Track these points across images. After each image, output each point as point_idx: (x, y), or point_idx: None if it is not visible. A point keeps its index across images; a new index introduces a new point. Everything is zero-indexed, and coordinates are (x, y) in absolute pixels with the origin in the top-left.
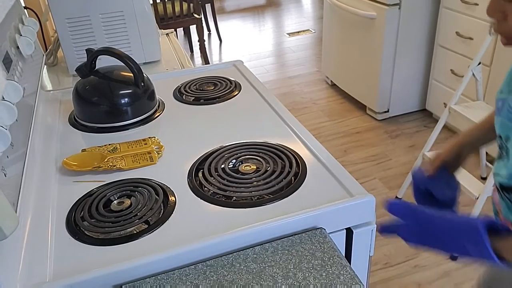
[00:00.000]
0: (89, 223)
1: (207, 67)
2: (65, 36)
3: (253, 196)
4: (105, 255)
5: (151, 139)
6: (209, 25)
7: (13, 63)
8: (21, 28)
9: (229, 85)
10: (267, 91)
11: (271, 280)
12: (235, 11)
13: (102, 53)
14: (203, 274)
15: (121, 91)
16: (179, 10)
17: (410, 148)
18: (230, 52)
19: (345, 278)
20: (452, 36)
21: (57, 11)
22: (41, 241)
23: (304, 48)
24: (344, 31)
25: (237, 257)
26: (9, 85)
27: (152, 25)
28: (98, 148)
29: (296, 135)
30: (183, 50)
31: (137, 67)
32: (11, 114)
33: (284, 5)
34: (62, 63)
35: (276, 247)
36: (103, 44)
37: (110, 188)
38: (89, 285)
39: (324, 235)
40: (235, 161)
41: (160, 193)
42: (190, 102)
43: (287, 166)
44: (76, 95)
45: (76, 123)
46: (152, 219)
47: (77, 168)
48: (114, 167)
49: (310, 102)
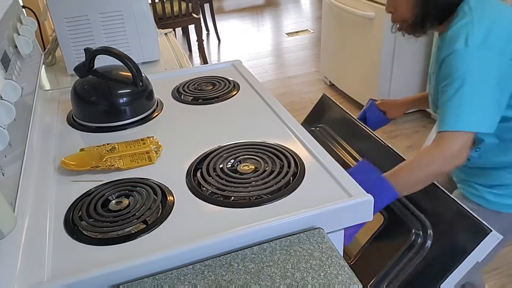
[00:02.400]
0: (87, 222)
1: (205, 67)
2: (64, 36)
3: (252, 196)
4: (103, 254)
5: (150, 139)
6: (207, 25)
7: (11, 63)
8: (19, 27)
9: (227, 85)
10: (265, 91)
11: (269, 280)
12: (233, 11)
13: (101, 52)
14: (201, 274)
15: (119, 90)
16: (178, 10)
17: (408, 148)
18: (228, 52)
19: (343, 278)
20: None
21: (55, 10)
22: (39, 241)
23: (303, 48)
24: (342, 31)
25: (235, 257)
26: (7, 84)
27: (150, 25)
28: (96, 148)
29: (294, 135)
30: (181, 50)
31: (136, 66)
32: (9, 114)
33: (283, 5)
34: (61, 62)
35: (274, 247)
36: (101, 44)
37: (108, 187)
38: (87, 284)
39: (322, 235)
40: (233, 161)
41: (158, 192)
42: (189, 102)
43: (286, 166)
44: (74, 94)
45: (74, 123)
46: (150, 219)
47: (75, 167)
48: (112, 166)
49: (308, 102)
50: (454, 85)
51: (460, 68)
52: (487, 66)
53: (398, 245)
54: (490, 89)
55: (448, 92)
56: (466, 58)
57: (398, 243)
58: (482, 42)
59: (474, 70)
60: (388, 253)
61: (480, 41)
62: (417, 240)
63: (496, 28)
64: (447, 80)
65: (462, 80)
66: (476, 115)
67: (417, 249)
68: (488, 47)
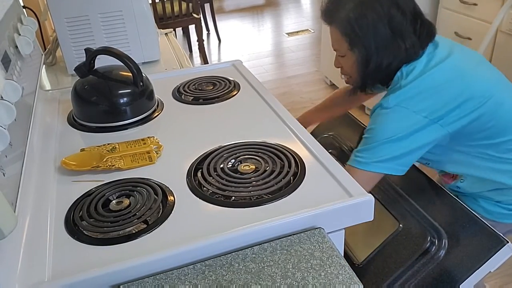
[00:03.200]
0: (88, 222)
1: (206, 67)
2: (64, 36)
3: (252, 196)
4: (104, 254)
5: (150, 139)
6: (208, 25)
7: (12, 63)
8: (19, 27)
9: (228, 85)
10: (266, 91)
11: (269, 280)
12: (234, 11)
13: (101, 52)
14: (202, 273)
15: (120, 90)
16: (178, 10)
17: None
18: (229, 52)
19: (343, 278)
20: (451, 36)
21: (56, 10)
22: (39, 241)
23: (303, 48)
24: None
25: (236, 256)
26: (8, 84)
27: (151, 25)
28: (97, 148)
29: (295, 135)
30: (182, 50)
31: (136, 66)
32: (10, 114)
33: (283, 5)
34: (61, 62)
35: (275, 247)
36: (102, 44)
37: (109, 187)
38: (88, 284)
39: (323, 235)
40: (234, 161)
41: (159, 192)
42: (189, 102)
43: (286, 166)
44: (75, 94)
45: (75, 123)
46: (151, 218)
47: (76, 167)
48: (113, 166)
49: (309, 102)
50: (367, 134)
51: (376, 120)
52: (401, 119)
53: (412, 251)
54: (399, 140)
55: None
56: (383, 113)
57: (413, 249)
58: (399, 102)
59: (387, 122)
60: (401, 258)
61: (397, 101)
62: (431, 248)
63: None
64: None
65: (373, 129)
66: (381, 158)
67: (431, 256)
68: (403, 107)
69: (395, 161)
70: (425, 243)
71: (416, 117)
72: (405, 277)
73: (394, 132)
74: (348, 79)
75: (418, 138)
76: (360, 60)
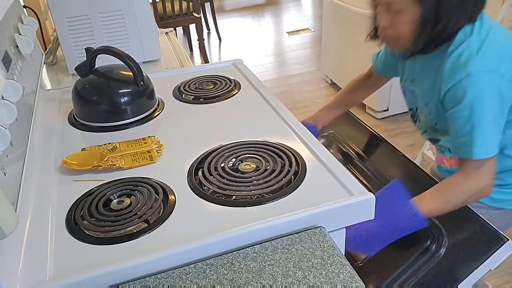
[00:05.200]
0: (89, 222)
1: (206, 66)
2: (65, 35)
3: (253, 195)
4: (105, 254)
5: (151, 138)
6: (208, 24)
7: (13, 62)
8: (20, 27)
9: (228, 84)
10: (266, 90)
11: (270, 279)
12: (234, 10)
13: (102, 52)
14: (203, 273)
15: (120, 90)
16: (179, 9)
17: (410, 146)
18: (229, 51)
19: (344, 277)
20: None
21: (56, 10)
22: (41, 240)
23: (304, 47)
24: (343, 29)
25: (236, 255)
26: (9, 84)
27: (151, 24)
28: (97, 147)
29: (295, 134)
30: (182, 49)
31: (137, 66)
32: (11, 113)
33: (283, 4)
34: (62, 62)
35: (275, 246)
36: (102, 43)
37: (109, 187)
38: (89, 284)
39: (323, 233)
40: (234, 160)
41: (160, 192)
42: (190, 101)
43: (287, 165)
44: (75, 94)
45: (75, 122)
46: (152, 218)
47: (77, 167)
48: (113, 166)
49: (309, 101)
50: (464, 112)
51: (469, 95)
52: (493, 89)
53: (412, 249)
54: (498, 112)
55: (460, 119)
56: (474, 84)
57: (413, 247)
58: (485, 68)
59: (483, 96)
60: (401, 256)
61: (483, 67)
62: (432, 246)
63: (497, 51)
64: (457, 107)
65: (470, 107)
66: (494, 139)
67: (431, 254)
68: (490, 72)
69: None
70: (425, 241)
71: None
72: (405, 275)
73: (492, 106)
74: (393, 43)
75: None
76: (426, 16)
